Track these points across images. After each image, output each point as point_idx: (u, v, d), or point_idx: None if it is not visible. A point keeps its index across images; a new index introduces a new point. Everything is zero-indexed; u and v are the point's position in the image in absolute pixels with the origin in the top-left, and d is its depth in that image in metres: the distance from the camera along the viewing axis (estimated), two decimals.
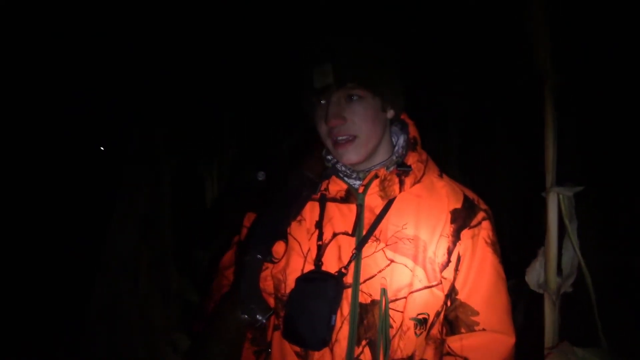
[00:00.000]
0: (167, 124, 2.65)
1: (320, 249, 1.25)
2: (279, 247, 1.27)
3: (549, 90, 1.28)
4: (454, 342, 1.26)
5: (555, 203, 1.31)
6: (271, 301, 1.30)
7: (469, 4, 2.41)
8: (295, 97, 1.28)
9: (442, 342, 1.29)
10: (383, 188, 1.26)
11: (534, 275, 1.33)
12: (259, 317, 1.20)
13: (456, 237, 1.25)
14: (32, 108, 2.47)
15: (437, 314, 1.26)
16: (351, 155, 1.24)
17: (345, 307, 1.22)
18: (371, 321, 1.21)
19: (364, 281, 1.22)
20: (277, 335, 1.30)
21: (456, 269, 1.25)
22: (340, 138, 1.22)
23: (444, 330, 1.29)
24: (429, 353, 1.27)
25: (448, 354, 1.27)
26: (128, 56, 2.40)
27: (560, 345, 1.26)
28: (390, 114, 1.29)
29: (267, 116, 3.00)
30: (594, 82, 2.36)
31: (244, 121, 2.97)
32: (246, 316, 1.20)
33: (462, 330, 1.25)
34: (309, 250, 1.27)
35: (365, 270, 1.22)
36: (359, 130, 1.22)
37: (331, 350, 1.21)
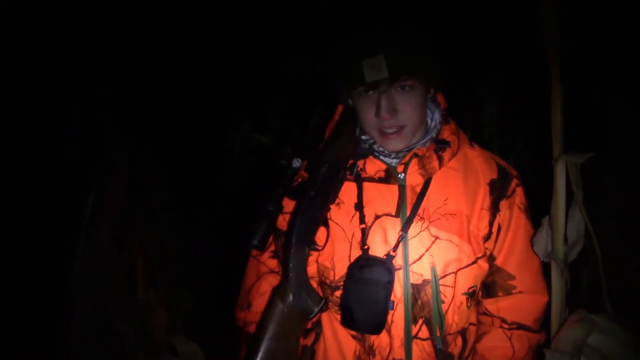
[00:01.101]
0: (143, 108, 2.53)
1: (364, 232, 1.25)
2: (320, 234, 1.26)
3: (556, 54, 1.24)
4: (491, 304, 1.32)
5: (564, 171, 1.28)
6: (313, 284, 1.30)
7: None
8: (330, 86, 1.25)
9: (480, 303, 1.35)
10: (423, 166, 1.26)
11: (541, 245, 1.31)
12: (313, 306, 1.22)
13: (495, 208, 1.28)
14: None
15: (482, 283, 1.31)
16: (399, 143, 1.25)
17: (398, 289, 1.24)
18: (425, 300, 1.24)
19: (413, 262, 1.24)
20: (325, 316, 1.33)
21: (496, 239, 1.29)
22: (389, 129, 1.21)
23: (481, 293, 1.34)
24: (473, 316, 1.34)
25: (484, 314, 1.33)
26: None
27: (577, 313, 1.25)
28: (431, 93, 1.29)
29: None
30: None
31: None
32: (300, 308, 1.21)
33: (500, 293, 1.30)
34: (353, 235, 1.27)
35: (413, 250, 1.24)
36: (409, 120, 1.22)
37: (388, 332, 1.25)
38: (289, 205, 1.31)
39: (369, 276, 1.21)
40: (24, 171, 2.33)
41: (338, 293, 1.28)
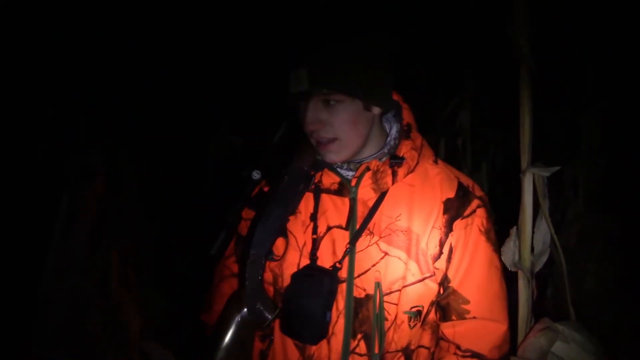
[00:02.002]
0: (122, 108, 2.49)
1: (315, 243, 1.25)
2: (279, 244, 1.27)
3: (526, 73, 1.29)
4: (447, 329, 1.28)
5: (531, 183, 1.32)
6: (271, 290, 1.32)
7: None
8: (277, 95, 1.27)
9: (438, 326, 1.31)
10: (375, 180, 1.25)
11: (509, 255, 1.35)
12: (267, 315, 1.23)
13: (448, 228, 1.25)
14: None
15: (432, 303, 1.28)
16: (333, 155, 1.24)
17: (341, 302, 1.23)
18: (365, 315, 1.22)
19: (358, 275, 1.23)
20: (278, 323, 1.30)
21: (448, 260, 1.26)
22: (321, 140, 1.21)
23: (438, 316, 1.31)
24: (426, 338, 1.30)
25: (442, 339, 1.30)
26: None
27: (542, 321, 1.28)
28: (376, 110, 1.26)
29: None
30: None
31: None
32: (253, 316, 1.23)
33: (453, 317, 1.27)
34: (304, 244, 1.27)
35: (359, 264, 1.23)
36: (339, 133, 1.21)
37: (328, 343, 1.23)
38: (250, 214, 1.33)
39: (310, 286, 1.20)
40: None
41: None
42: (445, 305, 1.28)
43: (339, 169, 1.30)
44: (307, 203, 1.30)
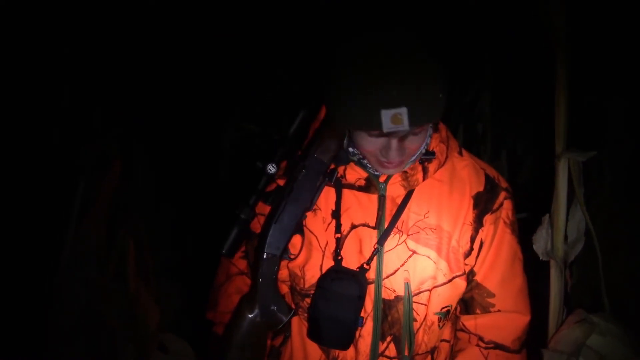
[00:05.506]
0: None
1: (339, 242, 1.18)
2: (295, 241, 1.21)
3: (562, 48, 1.22)
4: (469, 321, 1.25)
5: (566, 169, 1.27)
6: (284, 287, 1.27)
7: None
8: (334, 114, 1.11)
9: (457, 318, 1.29)
10: (406, 177, 1.19)
11: (541, 243, 1.30)
12: (281, 317, 1.19)
13: (479, 223, 1.21)
14: None
15: (459, 301, 1.25)
16: (396, 171, 1.17)
17: (369, 304, 1.18)
18: (395, 317, 1.18)
19: (387, 277, 1.18)
20: (296, 321, 1.26)
21: (477, 255, 1.22)
22: (391, 165, 1.13)
23: (459, 309, 1.28)
24: (446, 332, 1.27)
25: (462, 330, 1.27)
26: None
27: (576, 313, 1.24)
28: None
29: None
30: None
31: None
32: (266, 318, 1.18)
33: (478, 310, 1.24)
34: (326, 243, 1.20)
35: (388, 265, 1.18)
36: (412, 154, 1.15)
37: (355, 346, 1.19)
38: (264, 208, 1.26)
39: (339, 290, 1.15)
40: (6, 156, 2.21)
41: (308, 300, 1.23)
42: (469, 298, 1.26)
43: (364, 165, 1.22)
44: (327, 199, 1.23)
